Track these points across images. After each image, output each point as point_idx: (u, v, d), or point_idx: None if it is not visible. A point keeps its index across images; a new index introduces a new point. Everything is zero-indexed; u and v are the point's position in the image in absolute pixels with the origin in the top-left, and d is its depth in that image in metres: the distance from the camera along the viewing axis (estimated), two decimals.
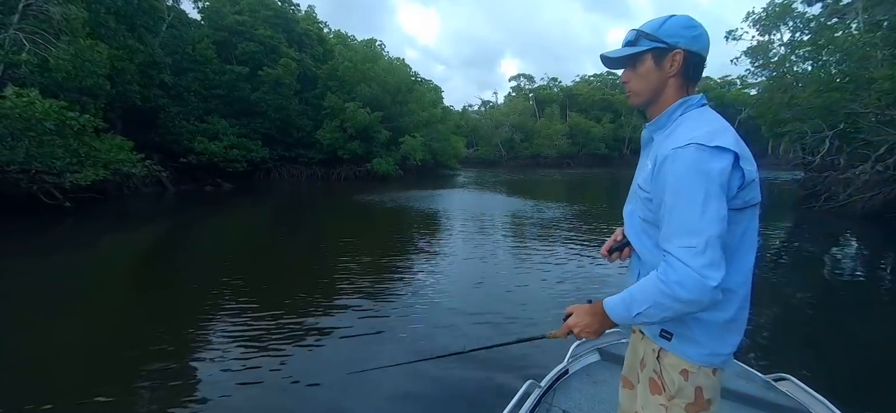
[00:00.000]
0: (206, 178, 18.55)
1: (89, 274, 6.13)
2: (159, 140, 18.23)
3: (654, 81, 1.04)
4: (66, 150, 9.29)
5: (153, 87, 17.64)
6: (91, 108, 12.03)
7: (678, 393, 1.03)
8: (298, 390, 2.96)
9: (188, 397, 2.87)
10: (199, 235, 9.61)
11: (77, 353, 3.57)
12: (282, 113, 21.95)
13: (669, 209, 0.92)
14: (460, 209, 12.42)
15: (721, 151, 0.88)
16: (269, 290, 5.11)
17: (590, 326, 1.06)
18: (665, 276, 0.89)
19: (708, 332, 0.99)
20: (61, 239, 8.33)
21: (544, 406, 1.94)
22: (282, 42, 23.34)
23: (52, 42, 10.52)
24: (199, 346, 3.64)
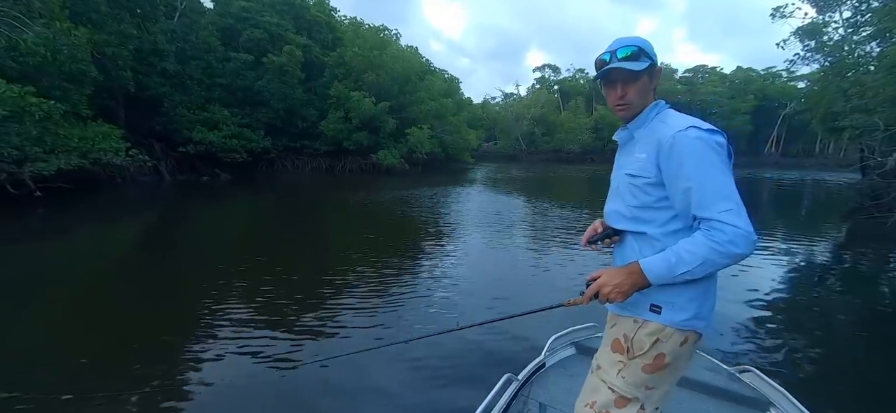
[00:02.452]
0: (205, 168, 18.23)
1: (47, 269, 5.67)
2: (161, 129, 18.05)
3: (645, 91, 1.21)
4: (26, 138, 8.83)
5: (154, 75, 17.40)
6: (73, 94, 11.68)
7: (639, 353, 1.17)
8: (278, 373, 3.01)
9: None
10: (176, 227, 9.23)
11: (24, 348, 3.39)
12: (286, 102, 21.40)
13: (698, 180, 1.04)
14: (454, 219, 11.27)
15: (716, 132, 1.07)
16: (232, 285, 4.86)
17: (622, 286, 1.12)
18: (716, 237, 1.00)
19: (693, 299, 1.13)
20: (23, 231, 7.95)
21: (521, 399, 1.97)
22: (289, 29, 22.76)
23: (29, 25, 10.14)
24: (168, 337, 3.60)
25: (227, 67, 20.26)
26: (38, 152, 9.42)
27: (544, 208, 11.59)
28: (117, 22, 14.64)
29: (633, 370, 1.19)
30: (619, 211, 1.24)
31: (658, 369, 1.17)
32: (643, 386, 1.19)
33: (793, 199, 17.11)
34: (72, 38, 10.79)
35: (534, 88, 57.76)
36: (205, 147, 18.00)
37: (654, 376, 1.18)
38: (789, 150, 49.92)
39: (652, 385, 1.19)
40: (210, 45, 19.94)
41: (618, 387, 1.20)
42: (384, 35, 29.22)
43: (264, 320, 3.90)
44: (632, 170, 1.19)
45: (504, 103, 56.85)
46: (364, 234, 8.25)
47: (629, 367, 1.19)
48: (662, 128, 1.13)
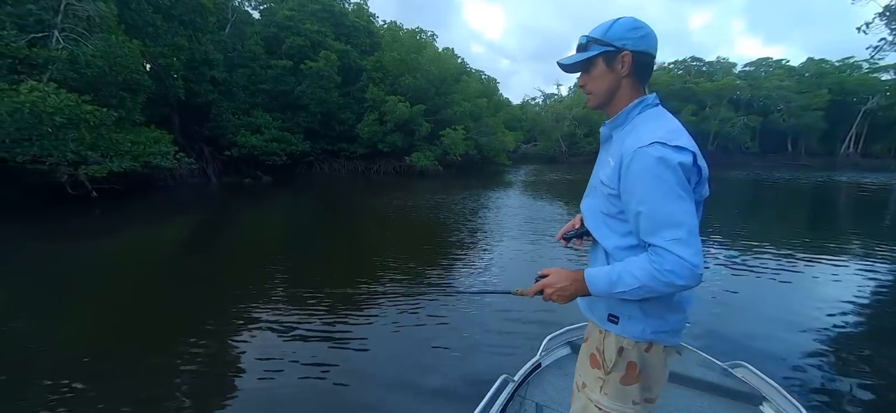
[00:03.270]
0: (248, 171, 19.06)
1: (100, 264, 6.39)
2: (209, 133, 19.13)
3: (608, 83, 1.12)
4: (81, 143, 9.52)
5: (204, 83, 18.46)
6: (128, 102, 12.55)
7: (614, 368, 1.15)
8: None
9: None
10: (221, 226, 9.91)
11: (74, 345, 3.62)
12: (323, 106, 21.95)
13: (649, 205, 0.98)
14: (486, 227, 10.83)
15: (682, 150, 0.98)
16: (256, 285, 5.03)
17: (565, 290, 1.14)
18: (658, 265, 0.96)
19: (651, 313, 1.10)
20: (82, 229, 8.71)
21: (518, 400, 1.98)
22: (328, 35, 23.38)
23: (88, 38, 10.99)
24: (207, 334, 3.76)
25: (269, 74, 21.11)
26: (93, 156, 10.14)
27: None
28: (171, 34, 15.65)
29: (613, 385, 1.17)
30: (594, 211, 1.20)
31: (635, 380, 1.15)
32: (629, 400, 1.16)
33: (878, 205, 14.92)
34: (126, 50, 11.56)
35: (576, 88, 55.72)
36: (248, 150, 18.81)
37: (635, 388, 1.16)
38: (871, 150, 44.27)
39: (638, 398, 1.16)
40: (255, 53, 20.89)
41: (604, 405, 1.18)
42: (421, 38, 29.32)
43: (298, 318, 4.09)
44: (603, 176, 1.14)
45: (544, 104, 55.30)
46: (393, 239, 8.07)
47: (609, 382, 1.18)
48: (630, 138, 1.05)
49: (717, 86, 43.92)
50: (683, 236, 0.94)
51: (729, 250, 7.09)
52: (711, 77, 48.67)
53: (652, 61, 1.12)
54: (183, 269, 6.24)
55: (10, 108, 8.11)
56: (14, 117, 8.17)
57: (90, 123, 9.55)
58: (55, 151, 9.10)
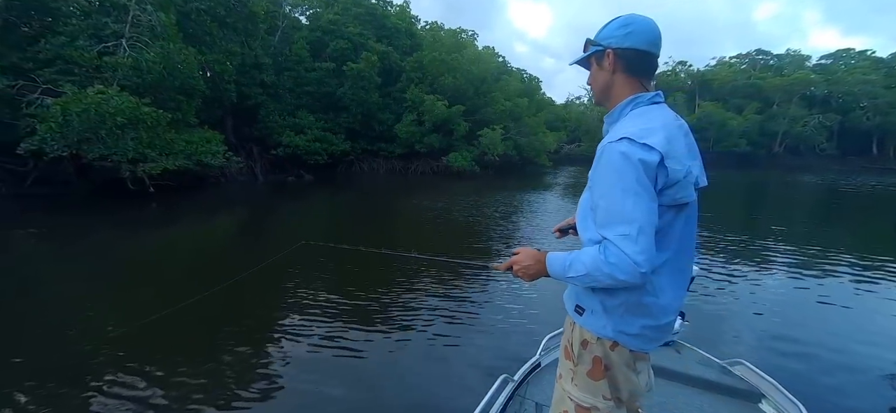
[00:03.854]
0: (292, 170, 19.87)
1: (152, 252, 7.11)
2: (257, 134, 20.17)
3: (601, 81, 1.17)
4: (140, 142, 10.30)
5: (254, 87, 19.50)
6: (184, 105, 13.47)
7: (579, 360, 1.18)
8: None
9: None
10: (264, 221, 10.61)
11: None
12: (364, 107, 22.42)
13: (607, 199, 1.01)
14: (525, 233, 10.45)
15: (648, 149, 0.97)
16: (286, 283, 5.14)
17: (529, 269, 1.19)
18: (604, 257, 0.98)
19: (612, 311, 1.10)
20: (140, 221, 9.57)
21: (517, 399, 1.99)
22: (370, 38, 23.88)
23: (150, 46, 11.90)
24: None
25: (313, 76, 21.91)
26: (151, 154, 10.95)
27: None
28: (225, 41, 16.64)
29: (581, 377, 1.18)
30: (582, 204, 1.22)
31: (601, 375, 1.15)
32: (600, 395, 1.16)
33: None
34: (183, 57, 12.40)
35: None
36: (292, 150, 19.62)
37: (602, 383, 1.15)
38: None
39: (609, 394, 1.16)
40: (300, 56, 21.76)
41: (574, 396, 1.19)
42: (462, 37, 29.18)
43: (334, 311, 4.24)
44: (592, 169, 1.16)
45: (590, 103, 53.19)
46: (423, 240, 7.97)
47: (578, 374, 1.19)
48: (610, 133, 1.08)
49: (787, 81, 39.79)
50: (632, 233, 0.95)
51: (800, 259, 6.24)
52: (780, 71, 44.25)
53: (645, 57, 1.11)
54: (226, 259, 6.81)
55: (79, 110, 8.97)
56: (81, 118, 9.02)
57: (147, 124, 10.34)
58: (117, 150, 9.95)
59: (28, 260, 6.32)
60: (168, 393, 2.90)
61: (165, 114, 11.01)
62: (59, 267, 6.09)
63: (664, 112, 1.10)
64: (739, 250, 7.00)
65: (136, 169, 10.53)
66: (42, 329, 3.90)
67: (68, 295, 4.90)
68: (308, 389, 2.96)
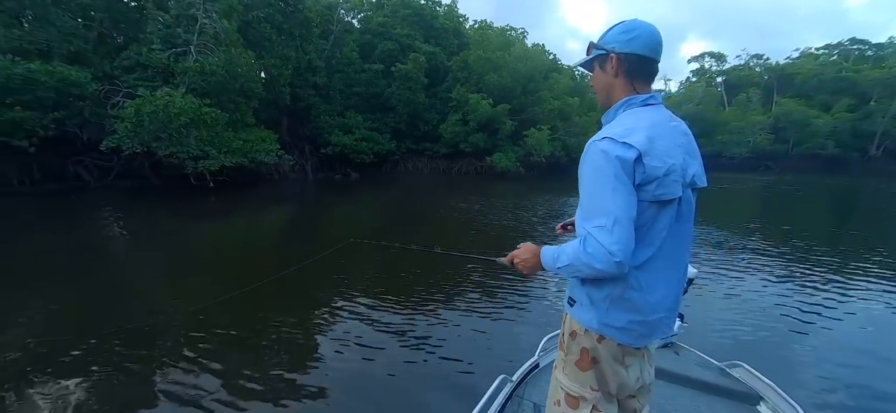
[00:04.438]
0: (339, 168, 20.64)
1: (210, 240, 7.91)
2: (309, 133, 21.19)
3: (603, 84, 1.20)
4: (200, 141, 11.17)
5: (307, 88, 20.50)
6: (243, 106, 14.43)
7: (568, 350, 1.23)
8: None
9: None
10: (311, 215, 11.30)
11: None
12: (410, 107, 22.75)
13: (586, 193, 1.07)
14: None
15: (626, 147, 1.02)
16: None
17: (527, 262, 1.27)
18: (583, 247, 1.04)
19: (598, 303, 1.14)
20: (201, 213, 10.42)
21: (516, 400, 1.98)
22: (418, 38, 24.19)
23: (213, 52, 12.88)
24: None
25: (362, 77, 22.59)
26: (212, 152, 11.83)
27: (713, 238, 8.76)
28: (281, 46, 17.64)
29: (570, 367, 1.22)
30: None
31: (589, 367, 1.18)
32: (588, 386, 1.19)
33: None
34: (243, 60, 13.28)
35: (687, 82, 49.32)
36: (339, 149, 20.38)
37: (589, 374, 1.19)
38: None
39: (596, 386, 1.19)
40: (350, 58, 22.55)
41: (564, 385, 1.23)
42: (510, 35, 28.63)
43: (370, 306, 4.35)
44: None
45: None
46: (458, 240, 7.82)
47: (567, 364, 1.23)
48: (600, 131, 1.14)
49: (889, 73, 34.47)
50: (607, 224, 1.00)
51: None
52: (880, 63, 38.52)
53: (646, 62, 1.14)
54: (274, 251, 7.33)
55: (149, 111, 9.91)
56: (151, 118, 9.97)
57: (207, 124, 11.19)
58: (181, 147, 10.86)
59: (112, 241, 7.47)
60: (220, 365, 3.18)
61: (223, 114, 11.86)
62: (134, 248, 7.21)
63: (656, 113, 1.13)
64: (832, 267, 6.07)
65: (197, 165, 11.44)
66: (120, 297, 4.63)
67: (140, 273, 5.71)
68: (303, 386, 2.97)
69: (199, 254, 6.90)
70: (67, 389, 2.81)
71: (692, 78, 49.47)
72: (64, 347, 3.29)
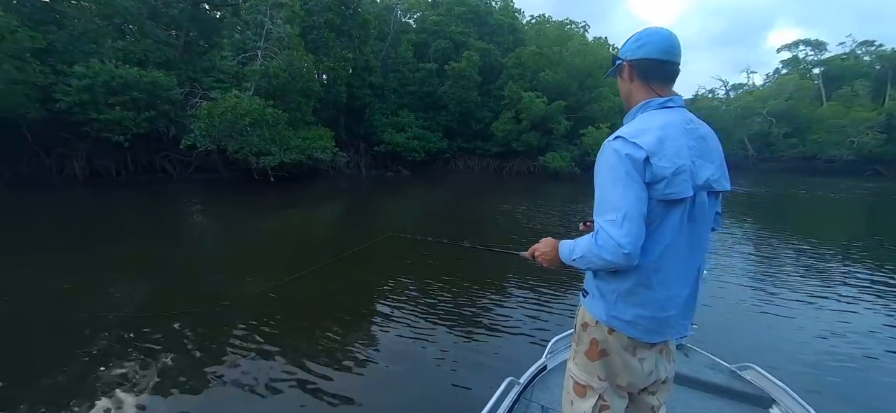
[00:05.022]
0: (391, 165, 21.16)
1: (270, 231, 8.50)
2: (364, 131, 21.97)
3: (624, 90, 1.30)
4: (262, 139, 12.01)
5: (364, 88, 21.28)
6: (303, 106, 15.32)
7: (578, 341, 1.30)
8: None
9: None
10: (363, 209, 11.80)
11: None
12: (462, 105, 22.67)
13: (599, 189, 1.13)
14: None
15: (636, 147, 1.07)
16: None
17: (547, 255, 1.32)
18: (595, 240, 1.10)
19: (607, 296, 1.19)
20: (262, 205, 11.22)
21: (523, 403, 1.97)
22: (471, 36, 24.04)
23: (277, 55, 13.81)
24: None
25: (416, 77, 22.92)
26: (274, 149, 12.69)
27: (774, 251, 7.34)
28: (340, 48, 18.46)
29: (580, 357, 1.28)
30: None
31: (597, 357, 1.23)
32: (595, 375, 1.24)
33: None
34: (304, 63, 14.08)
35: (776, 74, 43.86)
36: (392, 147, 20.87)
37: (598, 365, 1.23)
38: None
39: (603, 376, 1.23)
40: (405, 58, 22.99)
41: (573, 373, 1.29)
42: (569, 29, 27.43)
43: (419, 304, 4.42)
44: None
45: (726, 97, 45.32)
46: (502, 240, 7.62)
47: (578, 354, 1.30)
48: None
49: None
50: (617, 218, 1.06)
51: None
52: None
53: (658, 65, 1.20)
54: (330, 240, 7.90)
55: (219, 112, 10.85)
56: (221, 119, 10.91)
57: (269, 123, 12.01)
58: (245, 145, 11.77)
59: (189, 228, 8.56)
60: (277, 339, 3.55)
61: (284, 114, 12.65)
62: (206, 235, 8.27)
63: (671, 115, 1.17)
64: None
65: (259, 161, 12.34)
66: (192, 279, 5.28)
67: (210, 258, 6.55)
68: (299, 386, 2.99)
69: (259, 242, 7.60)
70: (141, 360, 3.14)
71: (782, 69, 43.87)
72: (143, 322, 3.73)
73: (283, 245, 7.39)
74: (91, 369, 3.03)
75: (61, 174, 12.57)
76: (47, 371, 2.99)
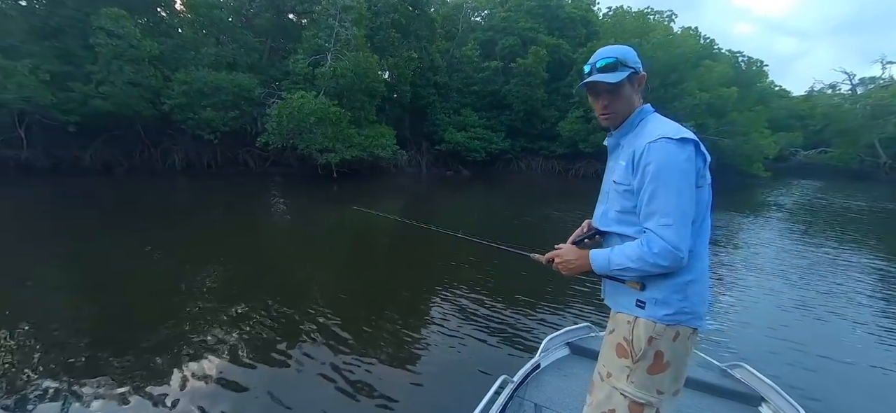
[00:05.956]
0: (451, 164, 21.13)
1: (331, 225, 9.34)
2: (427, 130, 22.22)
3: (629, 97, 1.30)
4: (325, 136, 12.65)
5: (428, 87, 21.52)
6: (367, 105, 15.89)
7: (642, 356, 1.22)
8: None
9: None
10: (420, 208, 12.27)
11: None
12: (528, 104, 21.85)
13: (650, 194, 1.13)
14: None
15: (686, 142, 1.13)
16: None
17: (570, 264, 1.33)
18: (648, 246, 1.12)
19: (674, 294, 1.18)
20: (325, 200, 12.08)
21: (517, 400, 2.00)
22: (541, 31, 23.05)
23: (345, 56, 14.47)
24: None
25: (480, 76, 22.58)
26: (337, 146, 13.33)
27: None
28: (405, 47, 18.85)
29: (639, 374, 1.23)
30: (607, 214, 1.33)
31: (661, 370, 1.21)
32: (654, 389, 1.22)
33: None
34: (369, 63, 14.58)
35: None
36: (453, 146, 20.81)
37: (660, 377, 1.22)
38: None
39: (662, 389, 1.23)
40: (469, 56, 22.77)
41: (629, 392, 1.24)
42: (651, 19, 25.02)
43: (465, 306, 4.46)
44: (616, 176, 1.28)
45: (851, 94, 37.98)
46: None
47: (636, 371, 1.23)
48: (640, 137, 1.21)
49: None
50: (673, 222, 1.09)
51: None
52: None
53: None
54: (387, 234, 8.33)
55: (288, 111, 11.64)
56: (289, 118, 11.69)
57: (332, 121, 12.62)
58: (311, 142, 12.50)
59: (262, 217, 9.49)
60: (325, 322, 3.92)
61: (346, 112, 13.21)
62: (278, 221, 9.37)
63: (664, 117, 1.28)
64: None
65: (322, 157, 13.04)
66: (260, 266, 5.69)
67: (278, 246, 7.29)
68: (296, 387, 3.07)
69: (320, 233, 8.37)
70: (217, 339, 3.52)
71: None
72: (226, 298, 4.28)
73: (336, 238, 8.07)
74: (184, 333, 3.56)
75: (165, 165, 14.52)
76: (146, 328, 3.63)
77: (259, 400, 2.73)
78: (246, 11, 17.46)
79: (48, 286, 4.63)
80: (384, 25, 17.47)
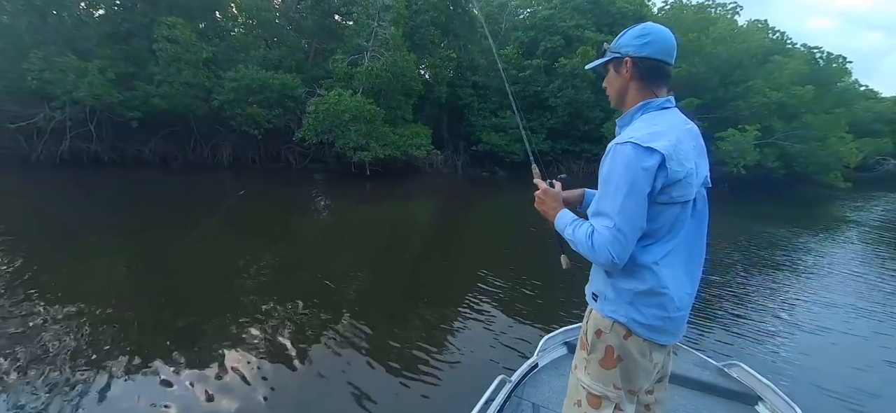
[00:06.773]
0: (488, 165, 20.71)
1: (363, 220, 9.75)
2: (464, 131, 21.95)
3: (617, 86, 1.30)
4: (359, 134, 12.78)
5: (466, 87, 21.25)
6: (403, 104, 15.94)
7: (592, 349, 1.25)
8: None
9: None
10: (455, 207, 12.51)
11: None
12: (571, 106, 20.90)
13: (600, 194, 1.17)
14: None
15: (651, 152, 1.08)
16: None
17: (543, 204, 1.38)
18: (591, 241, 1.14)
19: (622, 297, 1.19)
20: (359, 196, 12.37)
21: (515, 400, 2.01)
22: (588, 28, 21.96)
23: (382, 56, 14.58)
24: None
25: (521, 76, 21.92)
26: (372, 143, 13.47)
27: None
28: (444, 47, 18.72)
29: (593, 366, 1.25)
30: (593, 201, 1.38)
31: (613, 365, 1.21)
32: (611, 384, 1.22)
33: None
34: (406, 63, 14.60)
35: None
36: (489, 147, 20.37)
37: (614, 373, 1.22)
38: None
39: (619, 384, 1.22)
40: (510, 56, 22.17)
41: (586, 384, 1.26)
42: (712, 12, 23.07)
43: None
44: None
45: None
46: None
47: (590, 363, 1.26)
48: (620, 134, 1.22)
49: None
50: (611, 226, 1.09)
51: None
52: None
53: (660, 66, 1.21)
54: (419, 230, 8.72)
55: (323, 108, 11.89)
56: (324, 115, 11.94)
57: (366, 119, 12.74)
58: (345, 139, 12.69)
59: (310, 205, 10.21)
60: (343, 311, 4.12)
61: (381, 111, 13.29)
62: (315, 214, 10.04)
63: (673, 116, 1.21)
64: None
65: (356, 155, 13.22)
66: (291, 262, 6.11)
67: (312, 239, 7.85)
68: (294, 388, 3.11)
69: (352, 230, 8.74)
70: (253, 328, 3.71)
71: None
72: (269, 287, 4.56)
73: (366, 235, 8.38)
74: (227, 321, 3.81)
75: (214, 160, 15.43)
76: (187, 311, 3.99)
77: (255, 391, 2.79)
78: (294, 14, 18.16)
79: (108, 267, 5.18)
80: (423, 24, 17.43)
